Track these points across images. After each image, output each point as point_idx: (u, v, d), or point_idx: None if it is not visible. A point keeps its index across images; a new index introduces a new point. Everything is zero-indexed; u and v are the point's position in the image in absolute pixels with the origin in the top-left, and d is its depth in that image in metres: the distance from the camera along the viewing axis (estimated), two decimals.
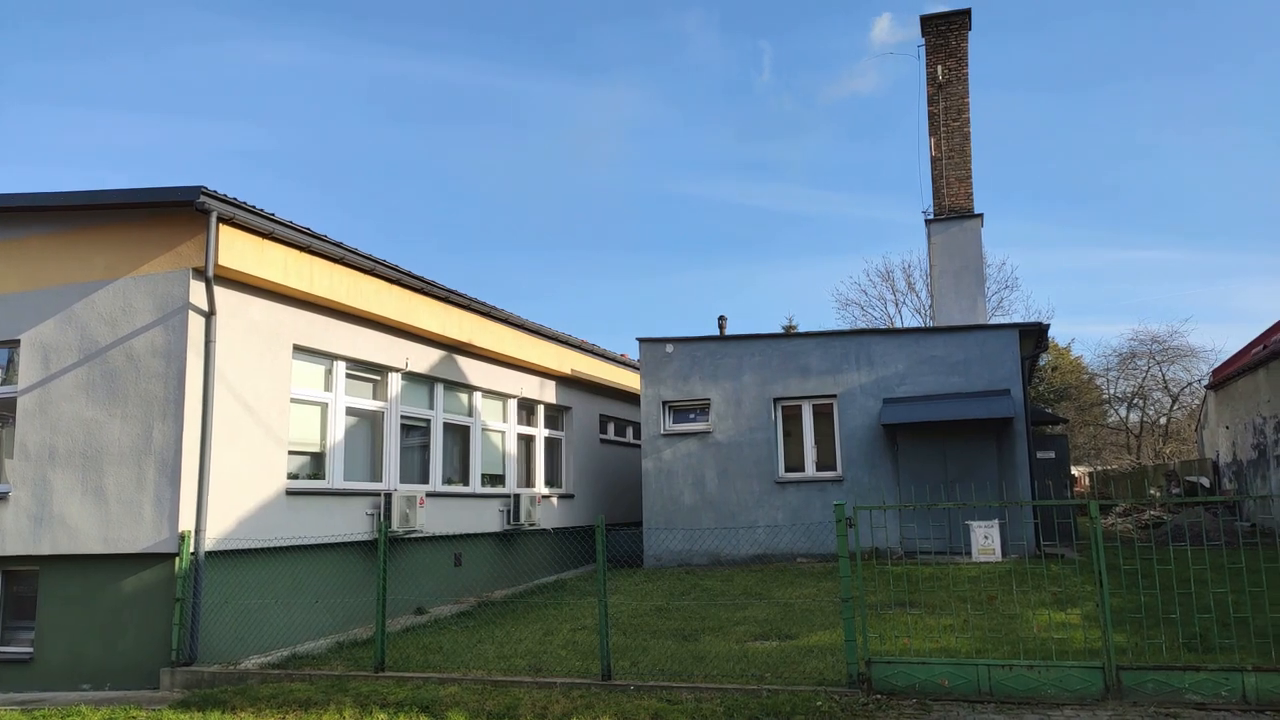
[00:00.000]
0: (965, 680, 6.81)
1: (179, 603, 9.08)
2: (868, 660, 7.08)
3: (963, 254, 21.25)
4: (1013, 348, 15.58)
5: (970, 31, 23.04)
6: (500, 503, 15.55)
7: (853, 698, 6.85)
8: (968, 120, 22.85)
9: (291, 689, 8.08)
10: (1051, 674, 6.68)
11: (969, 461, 15.19)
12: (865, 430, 16.10)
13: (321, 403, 11.69)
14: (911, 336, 16.55)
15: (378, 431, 12.88)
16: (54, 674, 9.59)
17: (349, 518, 11.69)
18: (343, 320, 11.92)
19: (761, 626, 9.99)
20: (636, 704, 7.07)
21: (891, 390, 16.06)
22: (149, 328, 9.74)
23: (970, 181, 22.32)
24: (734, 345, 17.39)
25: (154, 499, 9.36)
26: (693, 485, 16.96)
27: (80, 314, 10.07)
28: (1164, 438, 39.21)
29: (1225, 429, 24.56)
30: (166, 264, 9.80)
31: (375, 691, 7.83)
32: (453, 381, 14.69)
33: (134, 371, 9.71)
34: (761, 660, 8.21)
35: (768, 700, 6.88)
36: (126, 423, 9.63)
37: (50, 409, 10.02)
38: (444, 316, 13.90)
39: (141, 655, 9.25)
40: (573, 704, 7.16)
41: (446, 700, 7.46)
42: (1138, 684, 6.49)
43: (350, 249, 11.56)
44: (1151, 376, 38.68)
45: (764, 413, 16.77)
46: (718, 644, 9.14)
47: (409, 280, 12.87)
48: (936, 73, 22.98)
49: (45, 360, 10.14)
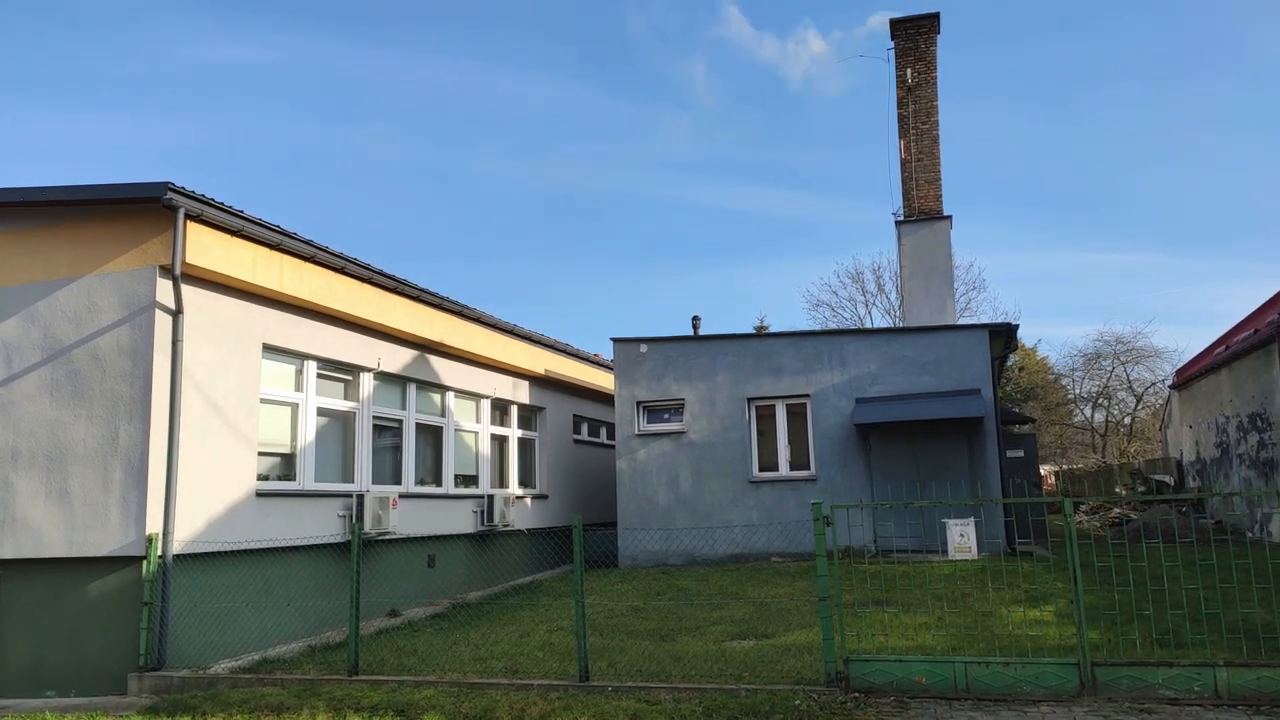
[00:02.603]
0: (942, 678, 6.83)
1: (147, 607, 8.89)
2: (845, 659, 7.09)
3: (932, 255, 21.43)
4: (983, 348, 15.72)
5: (939, 35, 23.28)
6: (474, 503, 15.42)
7: (831, 696, 6.85)
8: (937, 123, 23.02)
9: (263, 693, 7.94)
10: (1028, 671, 6.72)
11: (941, 460, 15.30)
12: (838, 430, 16.17)
13: (292, 403, 11.52)
14: (883, 337, 16.65)
15: (349, 432, 12.72)
16: (16, 680, 9.35)
17: (320, 519, 11.53)
18: (313, 319, 11.75)
19: (738, 626, 9.98)
20: (614, 705, 7.02)
21: (864, 390, 16.14)
22: (114, 326, 9.53)
23: (939, 184, 22.50)
24: (708, 345, 17.39)
25: (120, 501, 9.16)
26: (667, 485, 16.94)
27: (43, 312, 9.83)
28: (1129, 437, 39.84)
29: (1189, 428, 24.97)
30: (132, 261, 9.60)
31: (349, 695, 7.71)
32: (425, 381, 14.55)
33: (99, 371, 9.50)
34: (739, 660, 8.19)
35: (746, 700, 6.86)
36: (92, 423, 9.42)
37: (12, 409, 9.78)
38: (416, 316, 13.77)
39: (108, 660, 9.05)
40: (550, 706, 7.09)
41: (422, 703, 7.36)
42: (1112, 680, 6.55)
43: (321, 247, 11.40)
44: (1116, 377, 39.31)
45: (738, 412, 16.79)
46: (695, 644, 9.11)
47: (381, 279, 12.72)
48: (906, 76, 23.14)
49: (7, 360, 9.89)
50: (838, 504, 7.65)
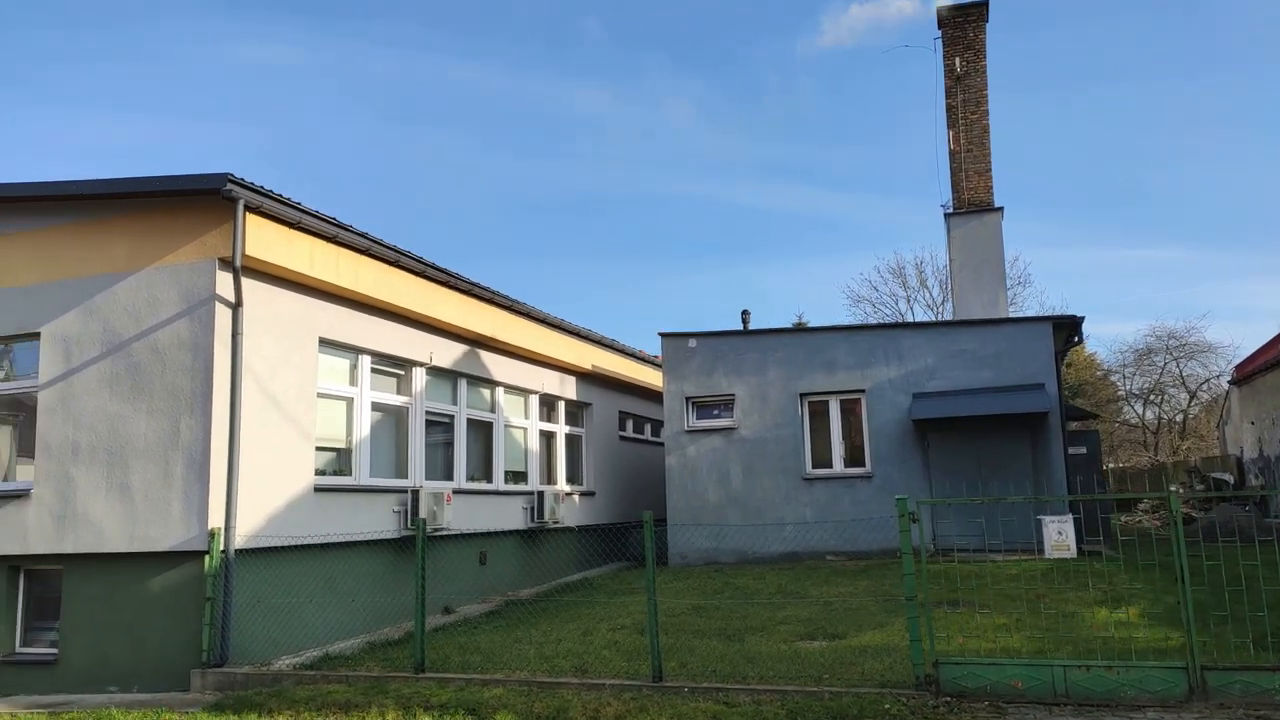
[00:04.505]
0: (1039, 682, 6.51)
1: (209, 602, 8.78)
2: (935, 661, 6.78)
3: (983, 248, 20.98)
4: (1046, 341, 15.27)
5: (988, 24, 22.76)
6: (523, 500, 15.26)
7: (921, 700, 6.55)
8: (986, 113, 22.53)
9: (329, 691, 7.80)
10: (1131, 675, 6.38)
11: (1002, 457, 14.88)
12: (894, 426, 15.80)
13: (347, 397, 11.41)
14: (941, 330, 16.25)
15: (402, 427, 12.59)
16: (79, 676, 9.30)
17: (376, 515, 11.41)
18: (368, 313, 11.63)
19: (806, 626, 9.70)
20: (692, 706, 6.78)
21: (921, 385, 15.75)
22: (174, 319, 9.45)
23: (990, 175, 22.03)
24: (758, 340, 17.09)
25: (182, 495, 9.07)
26: (718, 482, 16.67)
27: (102, 306, 9.78)
28: (1181, 434, 38.86)
29: (1250, 424, 24.23)
30: (191, 254, 9.51)
31: (417, 693, 7.54)
32: (476, 377, 14.40)
33: (159, 365, 9.42)
34: (815, 661, 7.91)
35: (831, 703, 6.59)
36: (152, 417, 9.35)
37: (72, 404, 9.74)
38: (468, 310, 13.62)
39: (170, 656, 8.96)
40: (625, 707, 6.87)
41: (492, 702, 7.17)
42: (1224, 685, 6.19)
43: (376, 240, 11.27)
44: (1168, 373, 38.34)
45: (790, 408, 16.47)
46: (765, 644, 8.84)
47: (434, 273, 12.58)
48: (955, 65, 22.68)
49: (66, 354, 9.85)
50: (922, 499, 7.32)
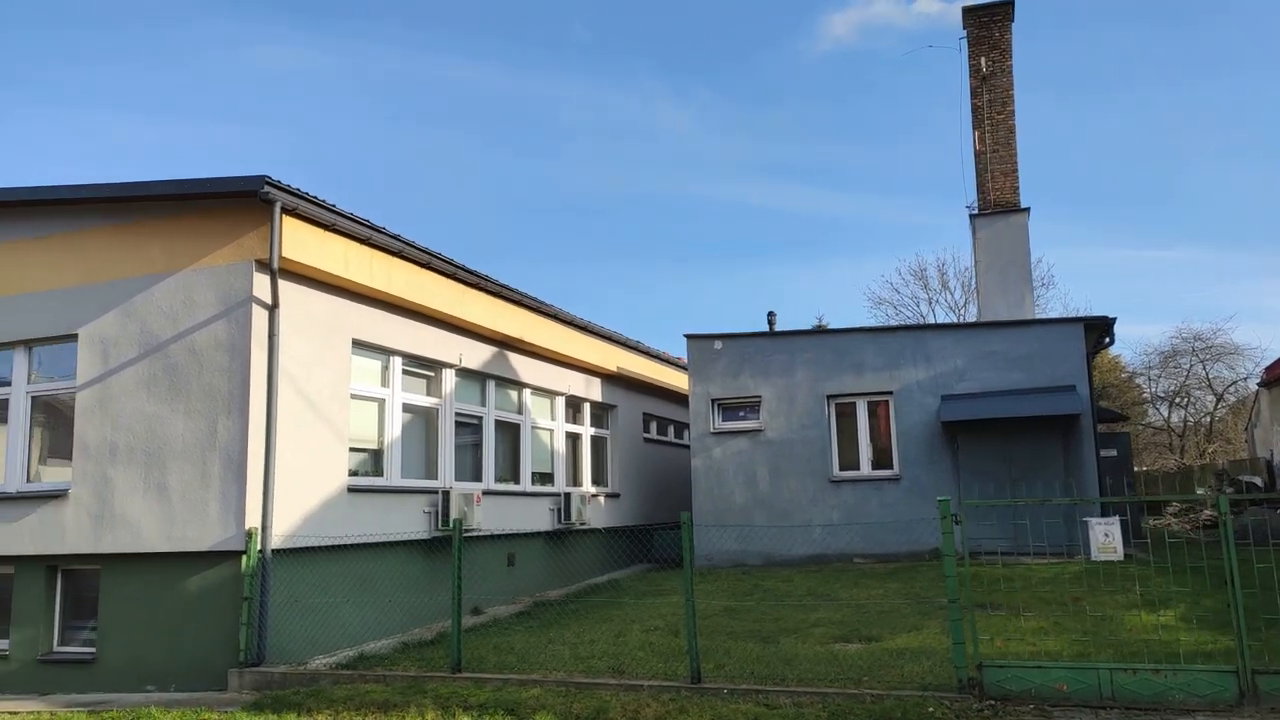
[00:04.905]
0: (1085, 685, 6.45)
1: (247, 602, 8.84)
2: (978, 664, 6.73)
3: (1009, 249, 20.77)
4: (1077, 342, 15.14)
5: (1013, 23, 22.62)
6: (550, 501, 15.28)
7: (965, 703, 6.50)
8: (1012, 113, 22.35)
9: (367, 690, 7.83)
10: (1179, 678, 6.30)
11: (1033, 460, 14.76)
12: (923, 427, 15.70)
13: (379, 398, 11.46)
14: (970, 331, 16.14)
15: (432, 428, 12.64)
16: (116, 675, 9.38)
17: (407, 516, 11.45)
18: (399, 315, 11.68)
19: (840, 629, 9.65)
20: (733, 709, 6.77)
21: (950, 387, 15.65)
22: (211, 321, 9.52)
23: (1016, 175, 21.83)
24: (785, 341, 17.04)
25: (220, 496, 9.13)
26: (744, 484, 16.62)
27: (140, 307, 9.87)
28: (1208, 437, 38.44)
29: None
30: (228, 256, 9.58)
31: (455, 693, 7.56)
32: (503, 378, 14.44)
33: (196, 366, 9.50)
34: (852, 664, 7.87)
35: (873, 706, 6.55)
36: (190, 418, 9.42)
37: (109, 404, 9.83)
38: (497, 312, 13.66)
39: (207, 656, 9.02)
40: (665, 708, 6.86)
41: (530, 703, 7.18)
42: (1276, 689, 6.11)
43: (408, 241, 11.32)
44: (1194, 375, 37.94)
45: (817, 410, 16.40)
46: (799, 646, 8.81)
47: (463, 275, 12.62)
48: (980, 65, 22.53)
49: (104, 355, 9.95)
50: (967, 500, 7.27)
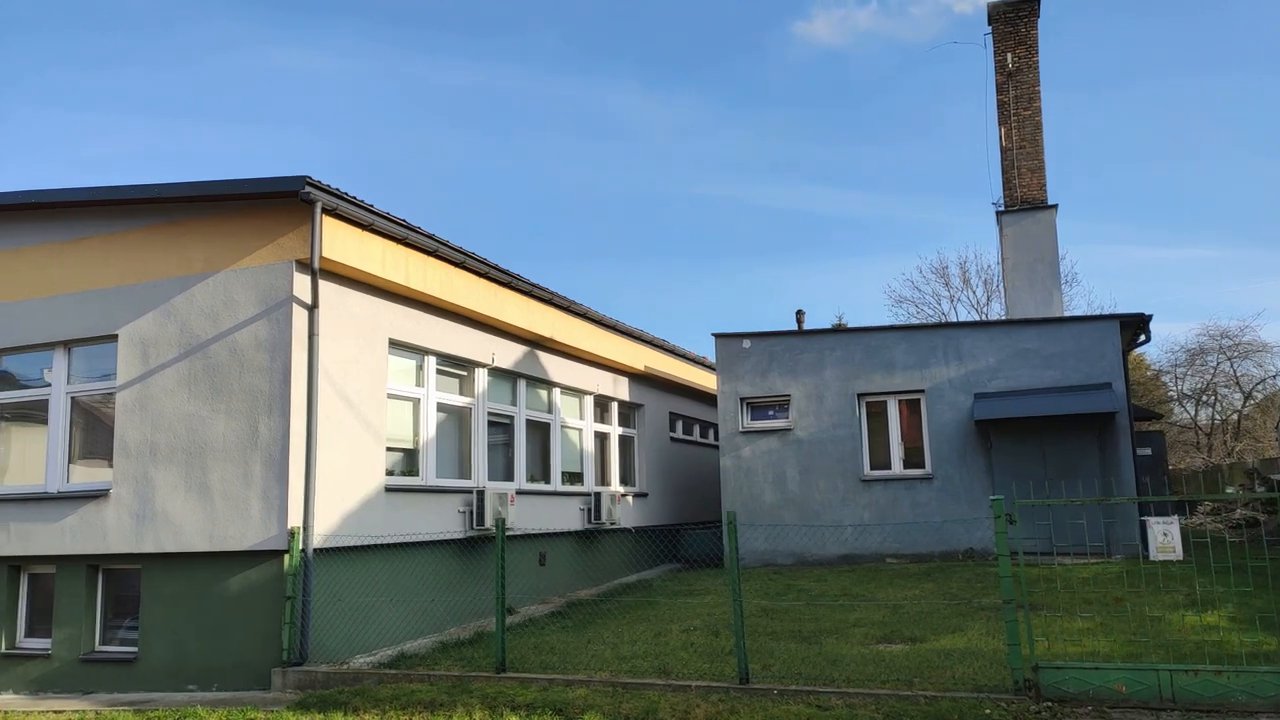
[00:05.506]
0: (1144, 686, 6.36)
1: (290, 601, 8.85)
2: (1034, 665, 6.65)
3: (1037, 246, 20.66)
4: (1114, 339, 14.98)
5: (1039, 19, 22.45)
6: (580, 501, 15.26)
7: (1021, 705, 6.42)
8: (1039, 109, 22.21)
9: (412, 690, 7.82)
10: (1242, 679, 6.20)
11: (1069, 458, 14.62)
12: (955, 426, 15.59)
13: (414, 398, 11.47)
14: (1003, 329, 16.00)
15: (465, 428, 12.64)
16: (158, 674, 9.42)
17: (443, 515, 11.45)
18: (433, 314, 11.69)
19: (880, 629, 9.57)
20: (784, 709, 6.71)
21: (983, 385, 15.53)
22: (252, 321, 9.54)
23: (1043, 172, 21.69)
24: (814, 340, 16.96)
25: (261, 495, 9.16)
26: (773, 483, 16.55)
27: (180, 308, 9.90)
28: (1235, 435, 38.03)
29: None
30: (268, 256, 9.60)
31: (500, 693, 7.54)
32: (534, 377, 14.43)
33: (237, 366, 9.52)
34: (899, 664, 7.80)
35: (928, 707, 6.48)
36: (230, 418, 9.44)
37: (150, 405, 9.87)
38: (528, 311, 13.65)
39: (249, 655, 9.05)
40: (715, 709, 6.81)
41: (578, 703, 7.15)
42: None
43: (442, 241, 11.31)
44: (1221, 373, 37.54)
45: (847, 409, 16.31)
46: (842, 647, 8.74)
47: (496, 274, 12.62)
48: (1006, 61, 22.40)
49: (144, 355, 9.99)
50: (1021, 500, 7.19)
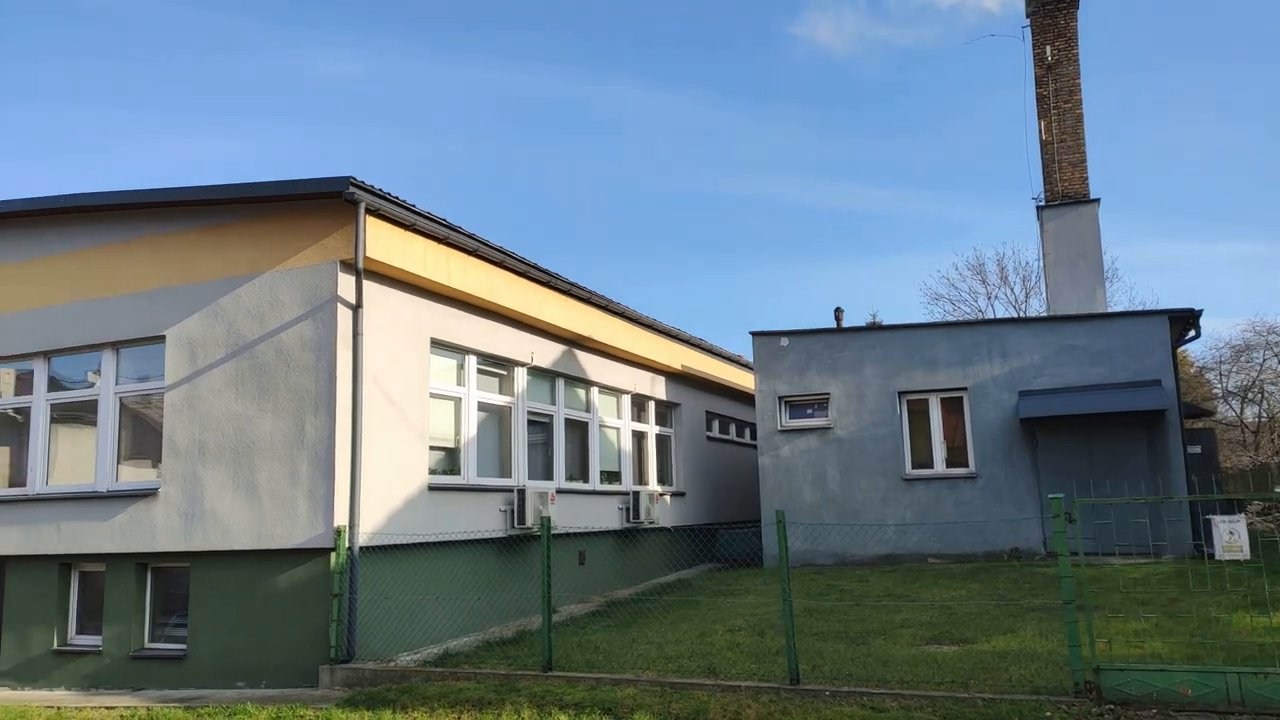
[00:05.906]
0: (1210, 689, 6.18)
1: (337, 599, 8.89)
2: (1096, 668, 6.50)
3: (1079, 241, 20.27)
4: (1163, 335, 14.68)
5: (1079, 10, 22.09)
6: (619, 500, 15.23)
7: (1083, 708, 6.28)
8: (1080, 102, 21.82)
9: (458, 688, 7.82)
10: None
11: (1117, 457, 14.34)
12: (999, 424, 15.35)
13: (455, 397, 11.49)
14: (1048, 325, 15.74)
15: (505, 427, 12.65)
16: (206, 671, 9.51)
17: (484, 514, 11.47)
18: (474, 314, 11.71)
19: (929, 630, 9.43)
20: (836, 711, 6.62)
21: (1028, 382, 15.27)
22: (297, 321, 9.60)
23: (1085, 165, 21.29)
24: (853, 338, 16.79)
25: (308, 494, 9.21)
26: (813, 482, 16.41)
27: (226, 308, 10.00)
28: None
29: None
30: (313, 257, 9.66)
31: (548, 692, 7.51)
32: (572, 376, 14.41)
33: (283, 366, 9.59)
34: (952, 666, 7.67)
35: (986, 710, 6.35)
36: (277, 417, 9.51)
37: (198, 404, 9.97)
38: (567, 310, 13.64)
39: (297, 652, 9.10)
40: (766, 709, 6.74)
41: (627, 702, 7.10)
42: None
43: (483, 241, 11.33)
44: (1268, 369, 36.71)
45: (888, 407, 16.13)
46: (891, 648, 8.62)
47: (535, 273, 12.62)
48: (1045, 53, 22.05)
49: (192, 356, 10.10)
50: (1081, 499, 7.04)
